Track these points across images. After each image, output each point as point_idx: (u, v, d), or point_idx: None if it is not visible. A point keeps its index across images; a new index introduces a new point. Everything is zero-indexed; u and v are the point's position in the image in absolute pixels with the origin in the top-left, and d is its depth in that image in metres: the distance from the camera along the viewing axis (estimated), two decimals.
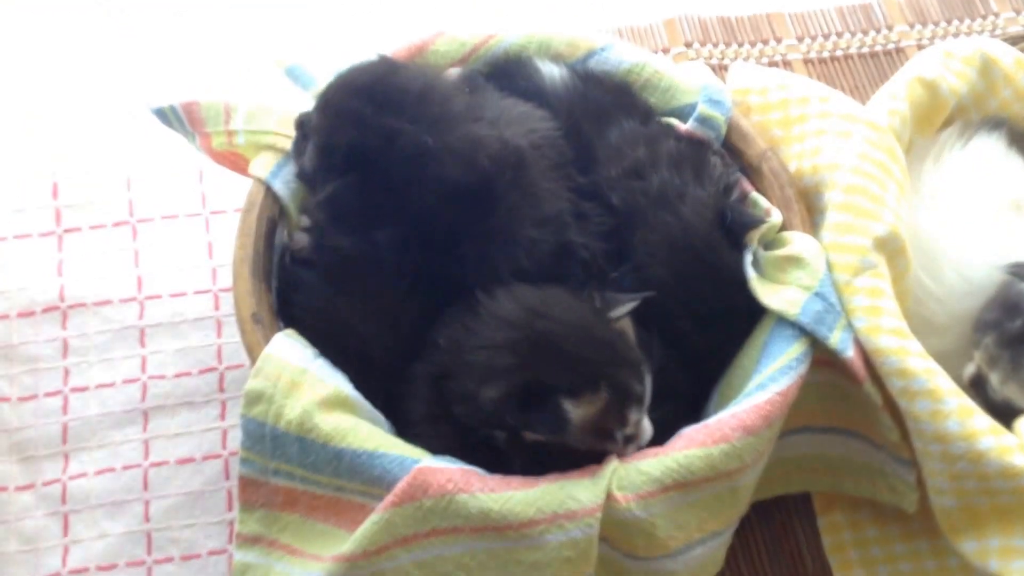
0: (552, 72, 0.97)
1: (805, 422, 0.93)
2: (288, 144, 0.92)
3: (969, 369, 0.90)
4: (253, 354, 0.84)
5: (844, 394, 0.91)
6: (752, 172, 0.95)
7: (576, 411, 0.77)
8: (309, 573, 0.80)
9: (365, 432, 0.80)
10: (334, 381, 0.82)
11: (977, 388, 0.89)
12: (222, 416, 1.01)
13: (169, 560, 0.95)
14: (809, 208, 0.93)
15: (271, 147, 0.92)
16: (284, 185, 0.91)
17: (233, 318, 0.89)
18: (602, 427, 0.79)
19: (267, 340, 0.83)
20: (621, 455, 0.81)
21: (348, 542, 0.78)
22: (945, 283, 0.92)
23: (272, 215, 0.90)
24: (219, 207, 1.12)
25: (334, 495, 0.82)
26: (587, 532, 0.78)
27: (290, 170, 0.92)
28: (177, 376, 1.03)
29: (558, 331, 0.78)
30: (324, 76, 0.93)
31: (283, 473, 0.82)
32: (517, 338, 0.78)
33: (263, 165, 0.91)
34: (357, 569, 0.78)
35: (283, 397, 0.80)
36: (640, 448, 0.82)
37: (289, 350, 0.83)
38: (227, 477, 0.98)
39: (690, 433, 0.82)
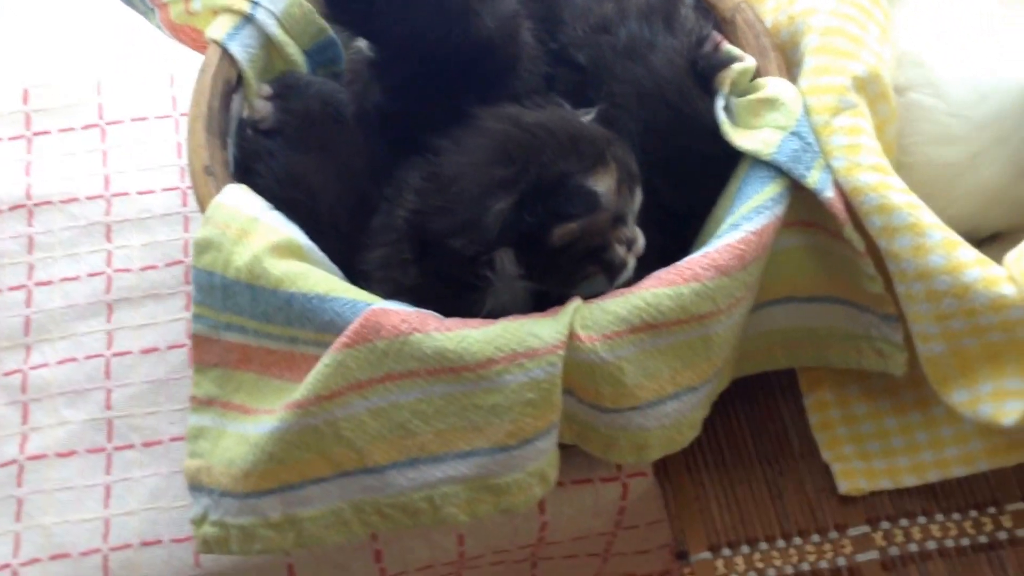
0: None
1: (788, 292, 0.88)
2: (247, 7, 0.89)
3: None
4: (205, 206, 0.81)
5: (827, 256, 0.86)
6: (726, 25, 0.91)
7: (600, 186, 0.74)
8: (262, 425, 0.76)
9: (316, 277, 0.76)
10: (287, 230, 0.79)
11: None
12: (187, 307, 0.98)
13: (130, 447, 0.92)
14: (787, 62, 0.89)
15: (228, 9, 0.89)
16: (242, 48, 0.88)
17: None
18: (620, 208, 0.76)
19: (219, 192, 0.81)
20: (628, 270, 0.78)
21: (300, 387, 0.74)
22: (952, 99, 0.87)
23: (228, 77, 0.88)
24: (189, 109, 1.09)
25: (288, 348, 0.78)
26: (549, 372, 0.74)
27: (248, 33, 0.89)
28: (143, 269, 1.01)
29: (547, 125, 0.75)
30: None
31: (235, 327, 0.79)
32: (512, 144, 0.74)
33: (220, 27, 0.89)
34: (310, 416, 0.74)
35: (233, 244, 0.77)
36: (639, 254, 0.78)
37: (240, 199, 0.80)
38: (191, 366, 0.95)
39: (659, 273, 0.77)
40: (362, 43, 0.89)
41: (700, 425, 0.83)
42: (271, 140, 0.88)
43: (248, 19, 0.89)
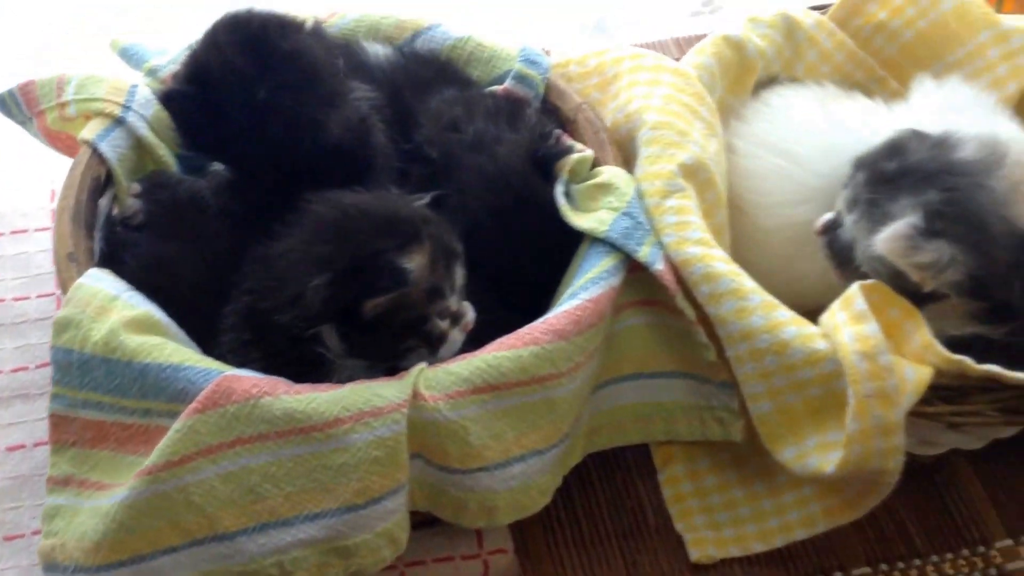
0: (376, 51, 1.03)
1: (635, 368, 0.93)
2: (117, 110, 0.95)
3: (825, 216, 0.91)
4: (67, 290, 0.84)
5: (668, 332, 0.92)
6: (569, 124, 1.00)
7: (410, 263, 0.78)
8: (114, 496, 0.77)
9: (171, 348, 0.79)
10: (145, 306, 0.82)
11: (827, 234, 0.90)
12: None
13: None
14: (626, 157, 0.97)
15: (100, 113, 0.95)
16: (111, 148, 0.94)
17: None
18: (435, 284, 0.80)
19: None
20: (454, 343, 0.82)
21: (151, 454, 0.76)
22: (804, 162, 0.96)
23: (97, 174, 0.93)
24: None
25: (143, 422, 0.80)
26: (394, 430, 0.77)
27: (119, 135, 0.95)
28: (13, 371, 1.02)
29: (365, 207, 0.80)
30: (157, 54, 0.97)
31: (92, 404, 0.81)
32: (330, 225, 0.79)
33: (91, 129, 0.94)
34: (160, 482, 0.76)
35: (91, 321, 0.80)
36: (467, 328, 0.83)
37: (101, 281, 0.83)
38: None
39: (501, 339, 0.82)
40: (218, 165, 0.96)
41: (550, 492, 0.86)
42: (138, 232, 0.92)
43: (119, 122, 0.95)
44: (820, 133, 0.97)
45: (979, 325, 0.84)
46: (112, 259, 0.90)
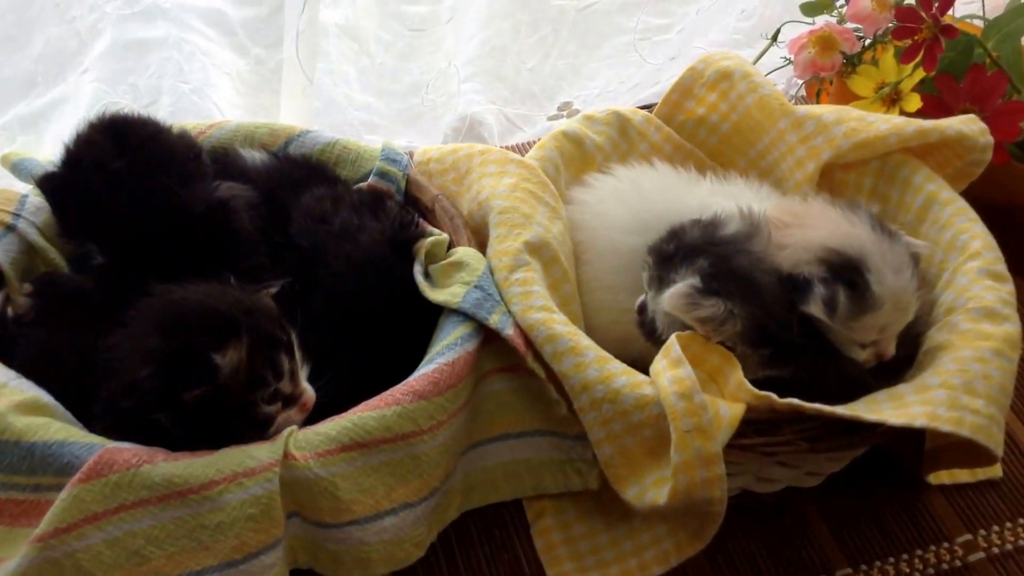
0: (253, 156, 1.13)
1: (503, 430, 1.02)
2: (8, 218, 1.03)
3: (639, 299, 1.02)
4: None
5: (528, 394, 1.02)
6: (428, 214, 1.10)
7: (223, 359, 0.84)
8: (7, 566, 0.82)
9: (56, 427, 0.86)
10: (32, 391, 0.89)
11: (642, 315, 1.01)
12: None
13: None
14: (481, 240, 1.08)
15: None
16: (3, 253, 1.02)
17: None
18: (255, 373, 0.86)
19: None
20: (291, 422, 0.89)
21: (41, 523, 0.82)
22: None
23: None
24: None
25: (34, 497, 0.86)
26: (267, 487, 0.84)
27: (10, 240, 1.03)
28: None
29: (195, 301, 0.87)
30: (47, 167, 1.06)
31: None
32: (157, 318, 0.87)
33: None
34: (49, 550, 0.81)
35: None
36: (307, 412, 0.90)
37: None
38: None
39: (366, 402, 0.90)
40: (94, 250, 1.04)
41: (425, 544, 0.93)
42: (28, 328, 0.99)
43: (10, 228, 1.03)
44: (635, 192, 1.10)
45: (768, 369, 0.95)
46: (3, 353, 0.96)
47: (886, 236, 0.96)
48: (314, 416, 0.92)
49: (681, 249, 0.97)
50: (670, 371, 0.90)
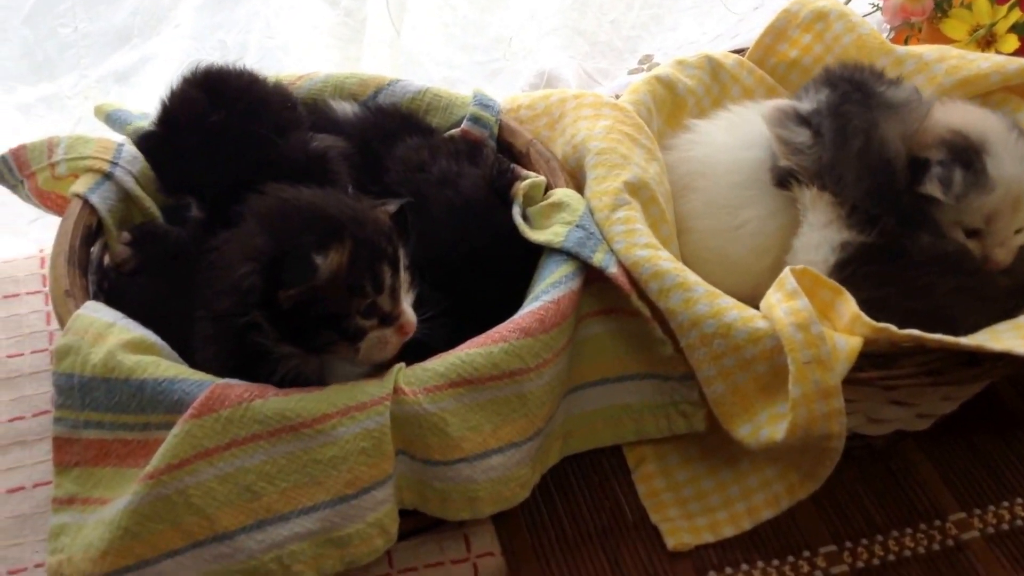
0: (344, 108, 1.12)
1: (601, 374, 1.00)
2: (106, 166, 1.02)
3: None
4: (64, 323, 0.90)
5: (627, 336, 1.00)
6: (522, 158, 1.09)
7: (324, 261, 0.81)
8: (118, 504, 0.82)
9: (165, 364, 0.85)
10: (140, 331, 0.88)
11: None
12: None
13: None
14: (577, 185, 1.06)
15: (90, 169, 1.02)
16: (102, 200, 1.01)
17: None
18: (355, 281, 0.83)
19: None
20: (385, 342, 0.85)
21: (152, 459, 0.81)
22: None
23: (89, 223, 1.00)
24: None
25: (142, 436, 0.85)
26: (379, 421, 0.83)
27: (107, 188, 1.02)
28: (11, 421, 1.07)
29: (304, 201, 0.86)
30: (140, 117, 1.06)
31: (93, 424, 0.86)
32: (264, 217, 0.85)
33: (82, 183, 1.02)
34: (161, 486, 0.81)
35: (89, 346, 0.86)
36: (405, 336, 0.86)
37: (97, 311, 0.90)
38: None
39: (472, 339, 0.89)
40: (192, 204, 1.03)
41: (530, 486, 0.92)
42: (131, 279, 0.99)
43: (107, 176, 1.02)
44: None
45: (850, 230, 0.96)
46: (109, 302, 0.96)
47: (1016, 132, 0.97)
48: (418, 357, 0.90)
49: (837, 78, 0.99)
50: (786, 303, 0.88)
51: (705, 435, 1.01)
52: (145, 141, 1.00)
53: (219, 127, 0.97)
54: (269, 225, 0.84)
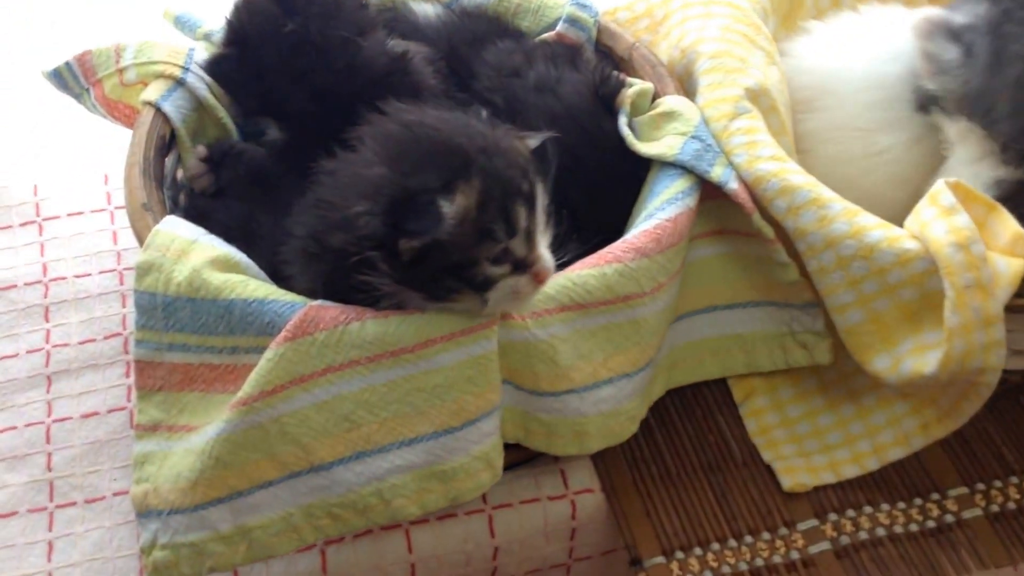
0: (426, 11, 1.04)
1: (709, 301, 0.92)
2: (178, 72, 0.95)
3: None
4: (143, 239, 0.83)
5: (742, 260, 0.92)
6: (624, 64, 1.00)
7: (450, 207, 0.71)
8: (208, 432, 0.76)
9: (255, 284, 0.79)
10: (225, 248, 0.81)
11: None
12: (127, 374, 0.99)
13: (72, 504, 0.90)
14: (685, 91, 0.97)
15: (161, 75, 0.95)
16: (175, 109, 0.94)
17: None
18: (484, 225, 0.72)
19: None
20: (518, 291, 0.75)
21: (244, 385, 0.75)
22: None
23: (163, 133, 0.93)
24: (122, 203, 1.13)
25: (230, 360, 0.79)
26: (485, 347, 0.76)
27: (180, 95, 0.95)
28: (81, 343, 1.02)
29: (429, 129, 0.76)
30: (210, 19, 0.98)
31: (177, 346, 0.80)
32: (382, 146, 0.76)
33: (153, 91, 0.94)
34: (254, 413, 0.75)
35: (172, 263, 0.80)
36: (541, 284, 0.75)
37: (178, 226, 0.83)
38: (132, 425, 0.94)
39: (584, 259, 0.81)
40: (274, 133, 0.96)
41: (638, 419, 0.85)
42: (212, 200, 0.93)
43: (180, 83, 0.95)
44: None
45: (1006, 167, 0.86)
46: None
47: None
48: None
49: None
50: (943, 219, 0.79)
51: (821, 367, 0.93)
52: (216, 65, 0.93)
53: (296, 37, 0.89)
54: (389, 156, 0.74)
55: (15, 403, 0.97)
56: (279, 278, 0.82)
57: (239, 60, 0.91)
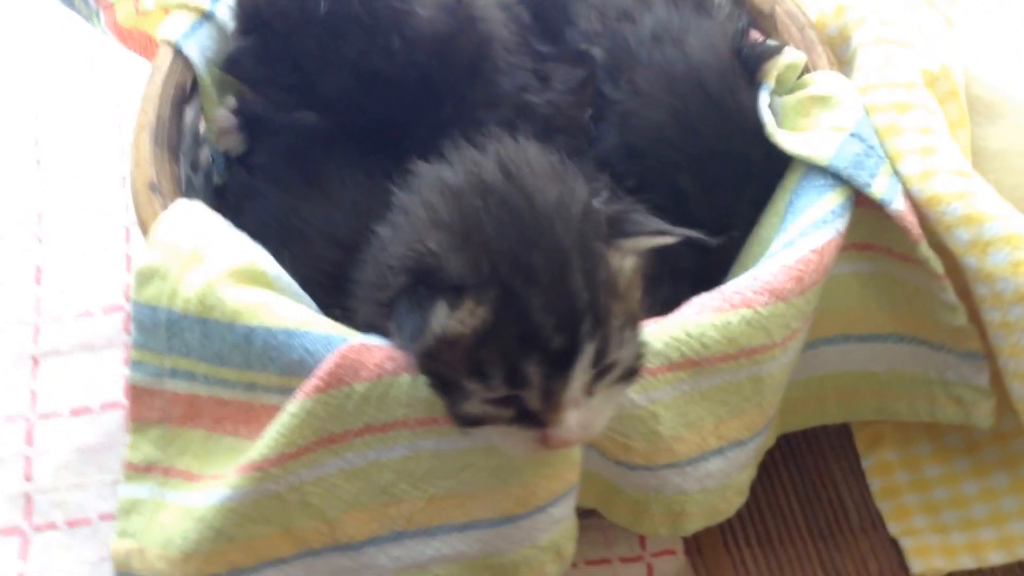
0: None
1: (841, 329, 0.74)
2: (205, 3, 0.76)
3: None
4: (147, 228, 0.66)
5: (889, 285, 0.73)
6: (763, 20, 0.79)
7: (444, 320, 0.53)
8: (209, 494, 0.61)
9: (283, 308, 0.61)
10: (249, 253, 0.64)
11: None
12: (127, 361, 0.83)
13: (52, 527, 0.76)
14: (836, 59, 0.76)
15: (184, 6, 0.76)
16: (199, 50, 0.75)
17: None
18: (478, 361, 0.54)
19: None
20: (517, 448, 0.57)
21: (258, 445, 0.59)
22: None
23: (182, 82, 0.74)
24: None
25: (245, 398, 0.63)
26: None
27: (207, 33, 0.76)
28: (77, 316, 0.86)
29: (518, 195, 0.55)
30: None
31: (182, 373, 0.64)
32: (439, 216, 0.56)
33: (173, 26, 0.75)
34: (269, 480, 0.59)
35: (182, 271, 0.62)
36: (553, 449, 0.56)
37: (192, 217, 0.66)
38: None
39: (702, 299, 0.63)
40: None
41: (746, 491, 0.69)
42: (255, 175, 0.76)
43: (207, 17, 0.76)
44: None
45: None
46: (238, 210, 0.72)
47: None
48: None
49: None
50: None
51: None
52: (235, 66, 0.73)
53: (335, 18, 0.69)
54: (438, 215, 0.56)
55: None
56: (323, 292, 0.66)
57: (261, 52, 0.72)
